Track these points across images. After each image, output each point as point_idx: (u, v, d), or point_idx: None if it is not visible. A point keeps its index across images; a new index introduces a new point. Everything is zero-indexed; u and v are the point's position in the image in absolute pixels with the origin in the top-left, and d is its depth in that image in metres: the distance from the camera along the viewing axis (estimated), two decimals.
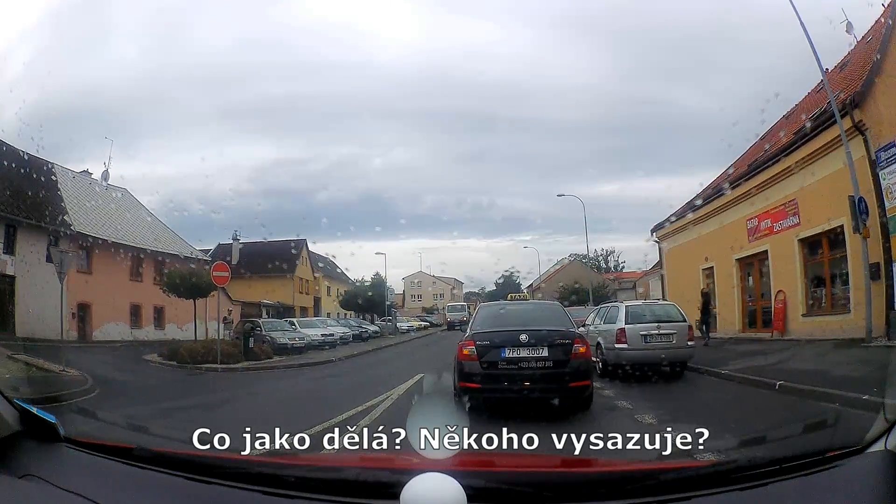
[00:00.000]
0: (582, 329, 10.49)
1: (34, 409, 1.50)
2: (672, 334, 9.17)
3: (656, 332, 9.16)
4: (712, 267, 16.72)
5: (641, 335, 9.15)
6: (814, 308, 12.44)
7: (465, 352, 6.29)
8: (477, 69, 64.36)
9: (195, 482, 1.42)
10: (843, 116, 10.37)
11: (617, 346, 9.18)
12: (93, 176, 23.00)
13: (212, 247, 33.09)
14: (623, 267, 52.96)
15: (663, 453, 1.50)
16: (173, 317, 20.99)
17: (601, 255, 54.87)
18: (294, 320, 22.83)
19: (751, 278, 15.23)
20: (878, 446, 1.35)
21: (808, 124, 11.96)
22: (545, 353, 6.20)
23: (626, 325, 9.31)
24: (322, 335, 20.85)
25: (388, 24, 66.56)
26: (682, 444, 1.51)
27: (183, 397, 9.45)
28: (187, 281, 16.89)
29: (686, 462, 1.50)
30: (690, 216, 17.48)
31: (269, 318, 25.84)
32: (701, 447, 1.55)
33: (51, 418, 1.52)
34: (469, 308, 20.43)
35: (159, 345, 17.08)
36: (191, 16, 58.26)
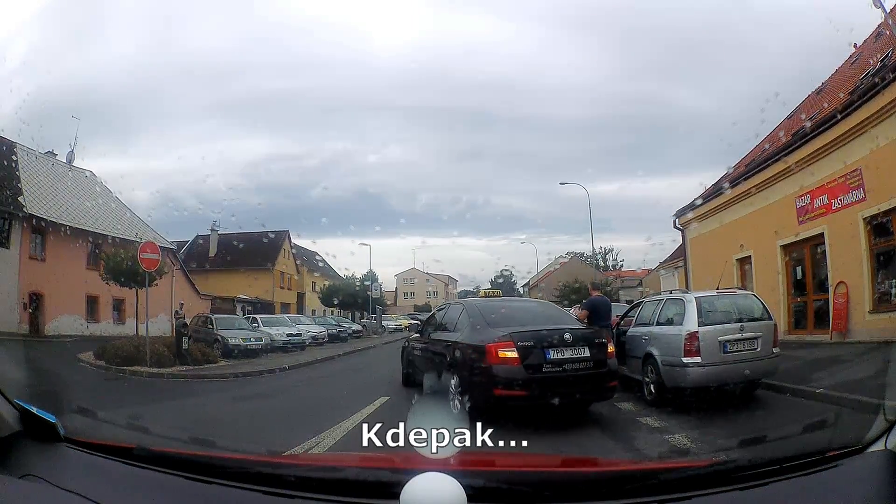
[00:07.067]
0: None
1: (34, 409, 1.71)
2: (757, 338, 7.48)
3: (739, 336, 7.42)
4: (749, 256, 16.35)
5: (720, 342, 7.32)
6: (883, 303, 11.71)
7: (505, 354, 6.19)
8: (476, 67, 69.08)
9: (195, 482, 1.62)
10: None
11: (685, 360, 7.28)
12: (57, 157, 23.36)
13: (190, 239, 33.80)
14: (622, 265, 55.70)
15: (663, 453, 1.70)
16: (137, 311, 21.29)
17: (600, 253, 57.47)
18: (257, 317, 22.50)
19: (799, 269, 14.73)
20: (878, 446, 1.54)
21: (860, 84, 11.70)
22: (587, 352, 6.46)
23: (700, 329, 7.36)
24: (287, 335, 20.27)
25: (386, 20, 70.82)
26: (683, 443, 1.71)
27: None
28: (122, 266, 16.16)
29: (686, 462, 1.71)
30: (723, 196, 17.10)
31: (243, 314, 26.02)
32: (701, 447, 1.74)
33: (51, 418, 1.73)
34: None
35: (113, 341, 16.78)
36: (187, 11, 60.66)
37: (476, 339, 6.68)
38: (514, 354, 6.18)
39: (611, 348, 6.86)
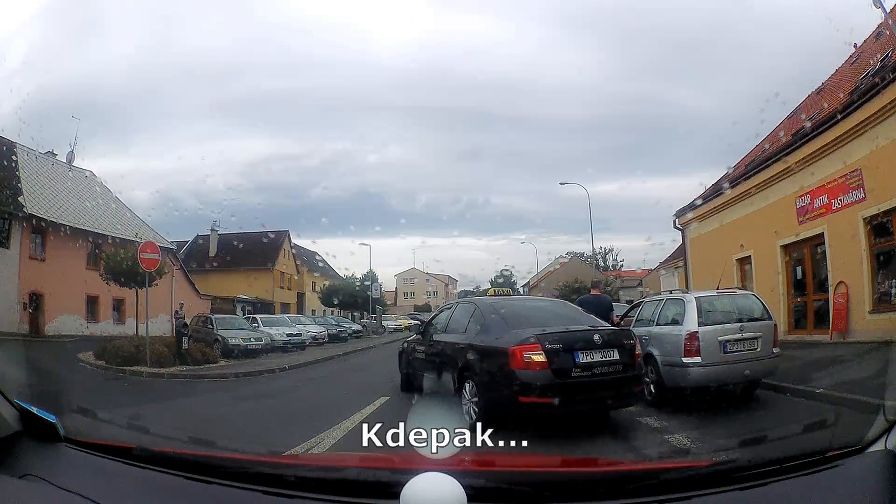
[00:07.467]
0: None
1: (34, 409, 1.71)
2: (757, 338, 7.50)
3: (739, 336, 7.44)
4: (749, 256, 16.37)
5: (720, 342, 7.33)
6: (883, 303, 11.75)
7: (532, 358, 5.70)
8: (476, 67, 70.22)
9: (195, 482, 1.63)
10: None
11: (685, 360, 7.29)
12: (57, 157, 23.46)
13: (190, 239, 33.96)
14: (622, 265, 56.09)
15: (663, 453, 1.71)
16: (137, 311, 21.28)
17: (600, 253, 57.78)
18: (257, 317, 22.55)
19: (799, 269, 14.74)
20: (878, 446, 1.54)
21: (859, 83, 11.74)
22: (616, 355, 6.04)
23: (700, 328, 7.37)
24: (287, 335, 20.35)
25: (387, 20, 71.36)
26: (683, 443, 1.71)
27: None
28: (121, 265, 16.20)
29: (686, 462, 1.71)
30: (723, 196, 17.12)
31: (243, 314, 26.05)
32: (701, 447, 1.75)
33: (51, 418, 1.73)
34: None
35: (113, 341, 16.66)
36: (187, 11, 61.22)
37: (496, 341, 6.16)
38: (541, 358, 5.68)
39: (638, 350, 6.49)
